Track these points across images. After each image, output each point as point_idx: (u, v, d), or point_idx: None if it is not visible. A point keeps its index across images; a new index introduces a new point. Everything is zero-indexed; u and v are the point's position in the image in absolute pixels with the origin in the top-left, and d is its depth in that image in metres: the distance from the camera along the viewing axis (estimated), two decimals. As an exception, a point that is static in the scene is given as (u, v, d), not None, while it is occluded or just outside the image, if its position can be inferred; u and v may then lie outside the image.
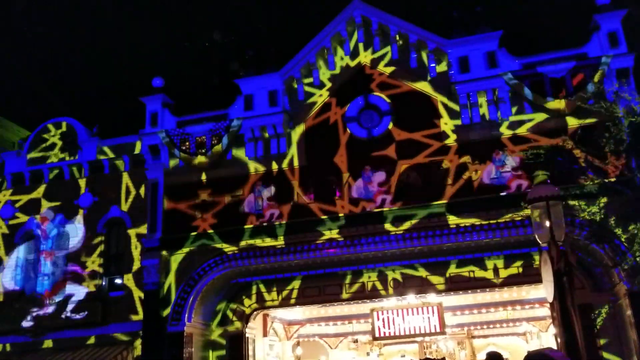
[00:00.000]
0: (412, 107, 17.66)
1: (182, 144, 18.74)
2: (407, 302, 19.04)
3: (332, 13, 18.70)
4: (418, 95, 17.76)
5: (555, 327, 8.77)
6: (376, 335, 19.76)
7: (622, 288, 14.83)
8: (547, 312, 18.63)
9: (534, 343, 22.25)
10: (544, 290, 8.78)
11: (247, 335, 18.28)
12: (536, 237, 8.83)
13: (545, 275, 8.61)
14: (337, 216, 17.20)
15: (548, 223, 8.49)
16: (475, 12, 17.71)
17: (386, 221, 16.76)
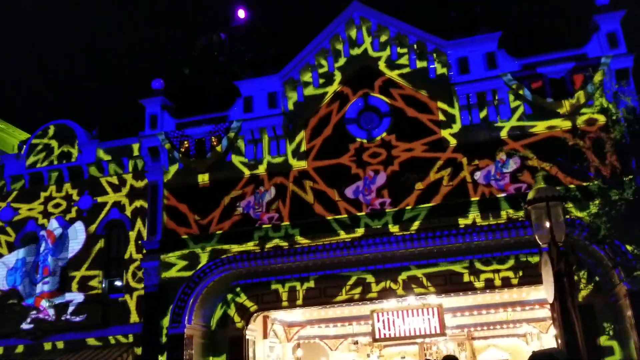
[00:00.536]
0: (412, 109, 17.67)
1: (182, 146, 18.74)
2: (408, 304, 19.02)
3: (331, 14, 18.73)
4: (417, 96, 17.76)
5: (555, 328, 8.75)
6: (376, 336, 19.72)
7: (623, 288, 14.82)
8: (548, 313, 18.62)
9: (535, 344, 22.21)
10: (544, 291, 8.77)
11: (248, 337, 18.26)
12: (536, 238, 8.82)
13: (545, 276, 8.60)
14: (340, 218, 17.21)
15: (548, 224, 8.48)
16: (474, 13, 17.73)
17: (386, 222, 16.76)
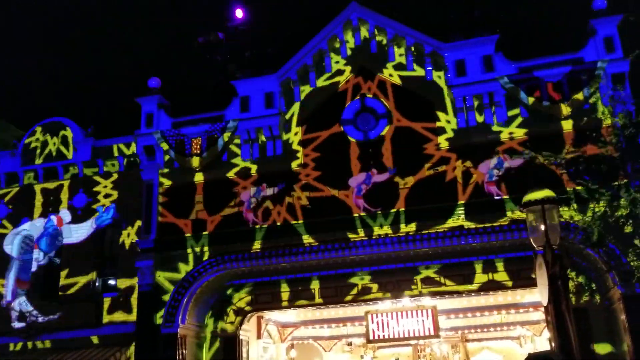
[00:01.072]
0: (409, 110, 17.67)
1: (178, 145, 18.70)
2: (402, 305, 19.03)
3: (329, 15, 18.72)
4: (415, 97, 17.76)
5: (549, 331, 8.75)
6: (370, 338, 19.73)
7: (617, 292, 14.86)
8: (542, 316, 18.66)
9: (528, 347, 22.25)
10: (539, 294, 8.78)
11: (241, 337, 18.24)
12: (531, 241, 8.83)
13: (539, 279, 8.60)
14: (336, 219, 17.20)
15: (543, 227, 8.49)
16: (472, 16, 17.76)
17: (380, 224, 16.77)
